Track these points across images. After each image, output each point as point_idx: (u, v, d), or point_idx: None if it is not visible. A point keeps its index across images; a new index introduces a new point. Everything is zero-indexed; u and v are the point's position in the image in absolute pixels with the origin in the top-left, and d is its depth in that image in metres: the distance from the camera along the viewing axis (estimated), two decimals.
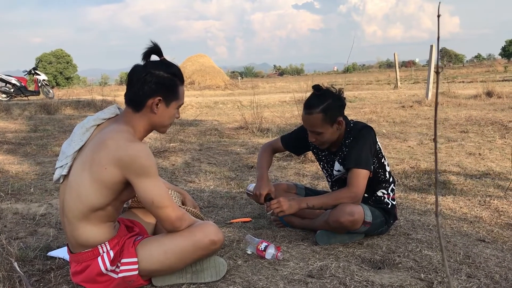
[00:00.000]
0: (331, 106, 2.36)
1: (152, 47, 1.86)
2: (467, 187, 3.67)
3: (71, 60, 48.31)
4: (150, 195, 1.72)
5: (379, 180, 2.50)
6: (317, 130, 2.38)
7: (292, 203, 2.35)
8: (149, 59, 1.86)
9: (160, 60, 1.87)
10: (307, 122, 2.41)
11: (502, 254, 2.32)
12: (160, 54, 1.87)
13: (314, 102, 2.38)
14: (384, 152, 2.57)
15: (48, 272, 2.08)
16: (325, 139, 2.42)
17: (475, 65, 60.21)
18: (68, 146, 1.84)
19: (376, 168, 2.48)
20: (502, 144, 5.50)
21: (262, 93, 17.96)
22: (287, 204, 2.34)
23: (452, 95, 11.72)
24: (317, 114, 2.35)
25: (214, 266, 1.96)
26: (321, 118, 2.35)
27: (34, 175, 4.06)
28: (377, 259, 2.21)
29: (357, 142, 2.39)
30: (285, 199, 2.37)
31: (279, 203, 2.34)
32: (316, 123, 2.37)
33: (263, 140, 6.19)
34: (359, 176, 2.34)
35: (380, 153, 2.49)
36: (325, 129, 2.38)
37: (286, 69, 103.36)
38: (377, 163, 2.47)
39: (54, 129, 7.07)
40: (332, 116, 2.37)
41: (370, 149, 2.40)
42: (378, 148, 2.47)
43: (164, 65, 1.85)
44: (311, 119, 2.38)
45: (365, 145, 2.38)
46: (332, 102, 2.37)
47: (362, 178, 2.35)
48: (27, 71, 14.03)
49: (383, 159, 2.51)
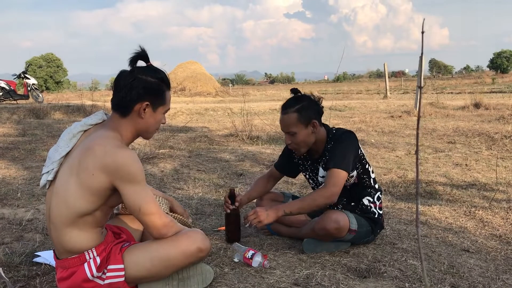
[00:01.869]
0: (306, 107, 2.42)
1: (139, 53, 1.86)
2: (453, 197, 3.72)
3: (62, 64, 48.00)
4: (136, 201, 1.73)
5: (364, 186, 2.53)
6: (292, 130, 2.42)
7: (269, 212, 2.34)
8: (136, 65, 1.87)
9: (147, 66, 1.88)
10: (283, 123, 2.47)
11: (486, 264, 2.35)
12: (147, 59, 1.88)
13: (291, 103, 2.45)
14: (370, 161, 2.61)
15: (33, 278, 2.08)
16: (300, 141, 2.45)
17: (464, 76, 60.95)
18: (54, 152, 1.83)
19: (361, 174, 2.50)
20: (489, 155, 5.57)
21: (252, 100, 18.02)
22: (264, 213, 2.33)
23: (441, 105, 11.84)
24: (292, 113, 2.41)
25: (200, 274, 1.97)
26: (295, 118, 2.40)
27: (22, 180, 4.04)
28: (362, 268, 2.23)
29: (338, 145, 2.43)
30: (261, 209, 2.37)
31: (256, 214, 2.33)
32: (291, 123, 2.41)
33: (253, 147, 6.21)
34: (337, 175, 2.35)
35: (364, 158, 2.52)
36: (299, 129, 2.42)
37: (277, 77, 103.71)
38: (361, 168, 2.50)
39: (43, 133, 7.02)
40: (307, 116, 2.41)
41: (351, 152, 2.42)
42: (361, 154, 2.50)
43: (151, 70, 1.86)
44: (286, 118, 2.43)
45: (345, 148, 2.40)
46: (307, 104, 2.44)
47: (339, 178, 2.35)
48: (16, 75, 13.95)
49: (367, 165, 2.54)
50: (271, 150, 5.98)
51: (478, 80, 39.05)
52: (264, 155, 5.58)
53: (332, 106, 12.73)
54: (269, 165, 4.87)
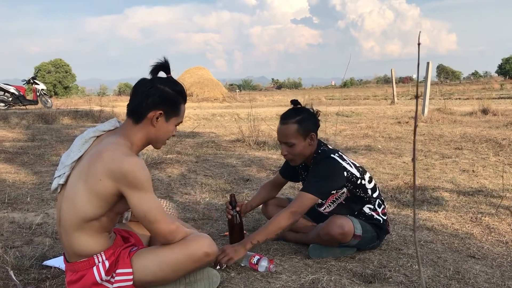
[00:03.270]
0: (306, 119, 2.45)
1: (162, 63, 1.91)
2: (459, 203, 3.72)
3: (70, 69, 48.41)
4: (143, 208, 1.75)
5: (359, 197, 2.53)
6: (291, 141, 2.44)
7: (237, 248, 2.29)
8: (157, 75, 1.91)
9: (167, 77, 1.92)
10: (281, 133, 2.48)
11: (492, 271, 2.35)
12: (168, 71, 1.93)
13: (291, 114, 2.48)
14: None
15: (43, 281, 2.11)
16: (297, 152, 2.47)
17: (472, 82, 60.66)
18: (67, 157, 1.87)
19: (352, 189, 2.50)
20: (496, 161, 5.55)
21: (259, 106, 18.07)
22: (232, 250, 2.27)
23: (448, 111, 11.81)
24: (292, 124, 2.43)
25: (207, 278, 1.99)
26: (295, 129, 2.43)
27: (31, 185, 4.09)
28: (368, 273, 2.25)
29: (315, 171, 2.44)
30: (228, 246, 2.32)
31: (224, 252, 2.26)
32: (290, 134, 2.44)
33: (259, 153, 6.23)
34: (303, 198, 2.35)
35: (353, 177, 2.47)
36: (298, 141, 2.44)
37: (284, 82, 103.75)
38: (351, 185, 2.48)
39: (52, 138, 7.10)
40: (306, 129, 2.44)
41: (330, 179, 2.41)
42: (349, 175, 2.45)
43: (171, 82, 1.90)
44: (285, 129, 2.45)
45: (322, 174, 2.40)
46: (307, 116, 2.47)
47: (305, 200, 2.35)
48: (25, 80, 14.09)
49: (359, 181, 2.49)
50: (277, 155, 6.00)
51: (486, 86, 38.87)
52: (271, 160, 5.60)
53: (339, 111, 12.75)
54: (275, 171, 4.89)
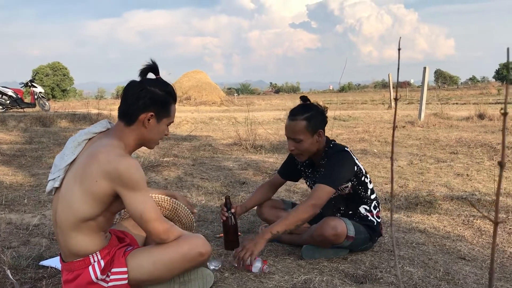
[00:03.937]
0: (314, 116, 2.49)
1: (150, 65, 1.95)
2: (452, 206, 3.76)
3: (68, 72, 48.33)
4: (138, 208, 1.79)
5: (359, 196, 2.59)
6: (298, 137, 2.48)
7: (256, 240, 2.29)
8: (146, 76, 1.95)
9: (157, 78, 1.96)
10: (290, 129, 2.52)
11: (481, 272, 2.39)
12: (157, 72, 1.97)
13: (300, 110, 2.52)
14: (372, 170, 2.66)
15: (40, 280, 2.14)
16: (304, 148, 2.51)
17: (470, 87, 60.82)
18: (60, 160, 1.90)
19: (355, 185, 2.56)
20: (490, 165, 5.60)
21: (257, 110, 18.12)
22: (251, 244, 2.27)
23: (445, 116, 11.87)
24: (301, 120, 2.47)
25: (201, 278, 2.03)
26: (304, 125, 2.47)
27: (28, 187, 4.12)
28: (360, 274, 2.29)
29: (331, 163, 2.48)
30: (247, 241, 2.31)
31: (244, 248, 2.26)
32: (299, 130, 2.48)
33: (256, 156, 6.27)
34: (322, 190, 2.38)
35: (360, 173, 2.56)
36: (306, 137, 2.48)
37: (282, 86, 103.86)
38: (356, 181, 2.55)
39: (49, 141, 7.12)
40: (315, 126, 2.48)
41: (343, 172, 2.47)
42: (358, 169, 2.54)
43: (160, 83, 1.94)
44: (294, 125, 2.49)
45: (337, 167, 2.45)
46: (316, 113, 2.51)
47: (324, 192, 2.38)
48: (23, 83, 14.10)
49: (363, 178, 2.58)
50: (274, 159, 6.04)
51: (484, 91, 39.00)
52: (267, 164, 5.64)
53: (336, 116, 12.80)
54: (271, 174, 4.93)
